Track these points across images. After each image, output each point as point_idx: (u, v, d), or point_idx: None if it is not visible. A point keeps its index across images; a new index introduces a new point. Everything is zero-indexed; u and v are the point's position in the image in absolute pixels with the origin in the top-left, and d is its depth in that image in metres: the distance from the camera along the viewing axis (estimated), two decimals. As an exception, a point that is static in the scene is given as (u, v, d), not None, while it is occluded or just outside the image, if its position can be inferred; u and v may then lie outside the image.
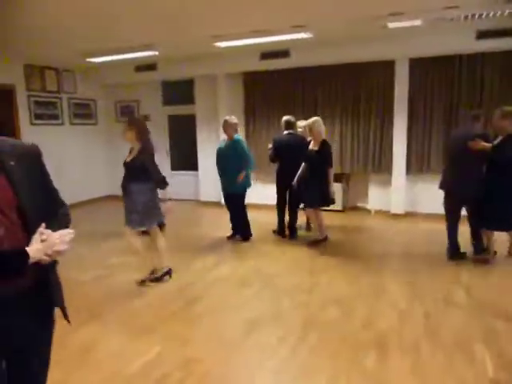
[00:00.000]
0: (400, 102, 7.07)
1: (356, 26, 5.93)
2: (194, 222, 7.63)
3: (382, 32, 6.20)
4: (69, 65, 8.50)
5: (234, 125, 5.79)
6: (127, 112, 9.44)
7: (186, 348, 3.21)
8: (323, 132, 5.61)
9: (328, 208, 7.57)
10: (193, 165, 9.09)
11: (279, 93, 7.98)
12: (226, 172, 5.88)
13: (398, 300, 3.97)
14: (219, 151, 5.92)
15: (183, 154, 9.54)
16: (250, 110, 8.33)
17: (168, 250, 4.67)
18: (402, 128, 7.13)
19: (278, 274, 4.77)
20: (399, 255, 5.35)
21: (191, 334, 3.44)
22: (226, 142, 5.90)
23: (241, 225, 6.12)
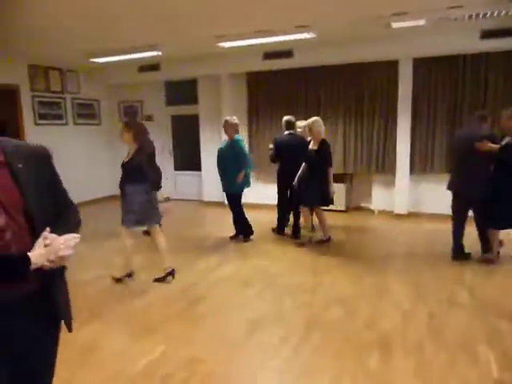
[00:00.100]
0: (404, 101, 7.05)
1: (359, 25, 5.92)
2: (197, 222, 7.63)
3: (386, 32, 6.18)
4: (73, 65, 8.54)
5: (235, 125, 5.78)
6: (130, 112, 9.47)
7: (189, 348, 3.21)
8: (323, 132, 5.61)
9: (331, 208, 7.61)
10: (196, 165, 9.10)
11: (282, 93, 7.97)
12: (226, 172, 5.89)
13: (402, 300, 3.96)
14: (220, 151, 5.93)
15: (186, 154, 9.55)
16: (254, 110, 8.33)
17: (171, 250, 4.68)
18: (405, 128, 7.11)
19: (281, 273, 4.76)
20: (403, 255, 5.34)
21: (194, 334, 3.44)
22: (227, 142, 5.91)
23: (241, 224, 6.12)
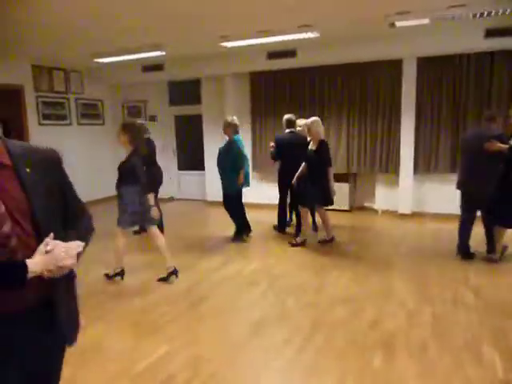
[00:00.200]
0: (407, 101, 7.03)
1: (363, 25, 5.92)
2: (200, 221, 7.63)
3: (389, 31, 6.17)
4: (76, 65, 8.56)
5: (234, 126, 5.81)
6: (134, 112, 9.48)
7: (192, 348, 3.21)
8: (321, 132, 5.59)
9: (335, 208, 7.61)
10: (199, 165, 9.10)
11: (286, 92, 7.97)
12: (226, 172, 5.89)
13: (406, 300, 3.94)
14: (219, 151, 5.96)
15: (190, 154, 9.56)
16: (257, 110, 8.32)
17: (174, 250, 4.68)
18: (409, 127, 7.09)
19: (284, 273, 4.76)
20: (407, 255, 5.32)
21: (198, 334, 3.44)
22: (226, 142, 5.93)
23: (237, 223, 6.10)
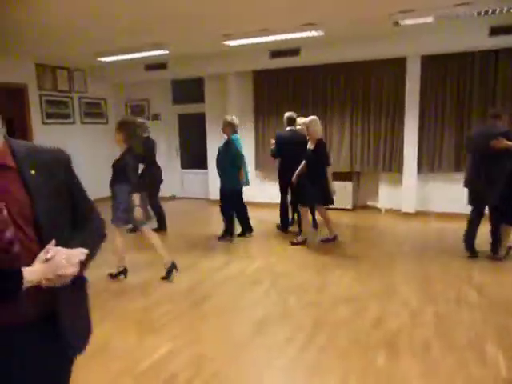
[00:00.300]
0: (411, 99, 7.01)
1: (367, 23, 5.90)
2: (203, 220, 7.63)
3: (393, 29, 6.14)
4: (80, 64, 8.58)
5: (233, 125, 5.83)
6: (137, 111, 9.49)
7: (195, 346, 3.21)
8: (319, 131, 5.58)
9: (339, 207, 7.60)
10: (202, 163, 9.10)
11: (289, 91, 7.96)
12: (224, 171, 5.91)
13: (409, 299, 3.93)
14: (218, 151, 5.99)
15: (193, 153, 9.57)
16: (260, 109, 8.32)
17: (177, 249, 4.69)
18: (412, 126, 7.07)
19: (287, 272, 4.75)
20: (410, 254, 5.30)
21: (200, 333, 3.44)
22: (225, 141, 5.97)
23: (226, 222, 6.08)
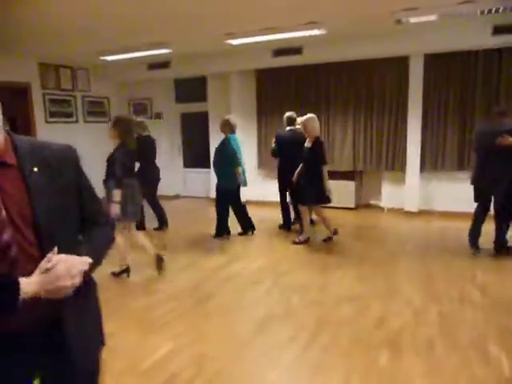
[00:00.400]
0: (414, 98, 6.98)
1: (369, 21, 5.89)
2: (205, 219, 7.64)
3: (396, 28, 6.13)
4: (83, 63, 8.59)
5: (231, 124, 5.87)
6: (140, 109, 9.51)
7: (198, 345, 3.21)
8: (317, 129, 5.55)
9: (341, 206, 7.60)
10: (205, 162, 9.10)
11: (292, 90, 7.95)
12: (219, 169, 5.94)
13: (412, 298, 3.93)
14: (215, 152, 6.04)
15: (195, 152, 9.57)
16: (263, 107, 8.31)
17: (180, 247, 4.69)
18: (415, 125, 7.05)
19: (290, 271, 4.76)
20: (413, 253, 5.29)
21: (203, 332, 3.45)
22: (221, 141, 6.00)
23: (221, 222, 6.06)
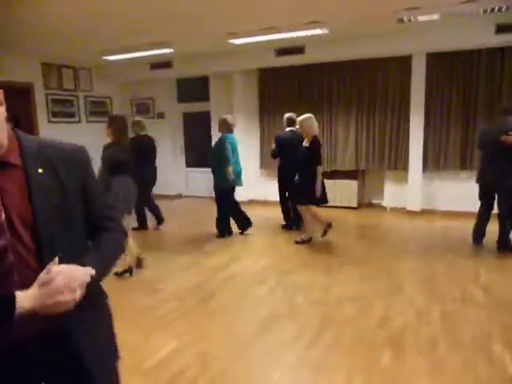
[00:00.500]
0: (417, 97, 6.97)
1: (372, 21, 5.88)
2: (207, 218, 7.64)
3: (399, 27, 6.12)
4: (85, 63, 8.60)
5: (228, 124, 5.90)
6: (143, 109, 9.52)
7: (201, 344, 3.22)
8: (315, 129, 5.53)
9: (344, 205, 7.60)
10: (207, 162, 9.10)
11: (294, 89, 7.95)
12: (216, 170, 5.99)
13: (415, 298, 3.92)
14: (211, 152, 6.12)
15: (198, 151, 9.58)
16: (265, 107, 8.31)
17: (182, 247, 4.69)
18: (418, 124, 7.04)
19: (292, 271, 4.75)
20: (415, 252, 5.28)
21: (207, 331, 3.45)
22: (217, 140, 6.05)
23: (221, 223, 6.13)
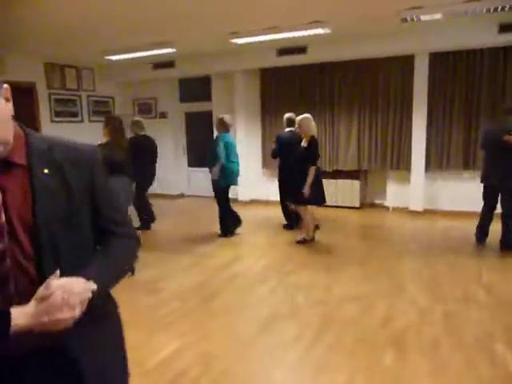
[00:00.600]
0: (419, 97, 6.96)
1: (374, 20, 5.86)
2: (209, 218, 7.65)
3: (401, 26, 6.10)
4: (88, 63, 8.62)
5: (225, 124, 5.93)
6: (145, 109, 9.53)
7: (203, 344, 3.22)
8: (312, 128, 5.54)
9: (346, 205, 7.60)
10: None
11: (296, 89, 7.94)
12: (211, 169, 6.03)
13: (417, 298, 3.92)
14: (209, 152, 6.12)
15: (200, 151, 9.58)
16: (267, 107, 8.32)
17: (184, 246, 4.69)
18: (421, 124, 7.02)
19: (294, 271, 4.75)
20: (418, 252, 5.27)
21: (208, 331, 3.45)
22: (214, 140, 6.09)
23: (221, 221, 6.16)
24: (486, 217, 5.24)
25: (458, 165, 6.92)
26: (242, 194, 8.56)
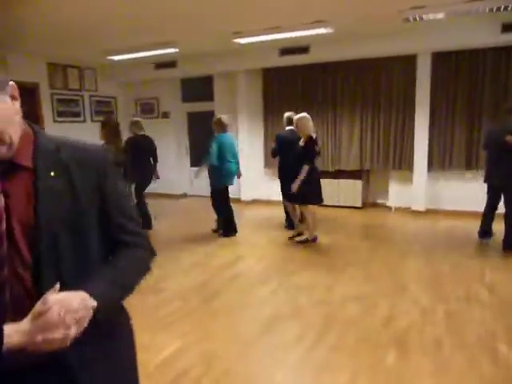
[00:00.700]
0: (422, 96, 6.94)
1: (377, 20, 5.85)
2: (212, 218, 7.66)
3: (404, 26, 6.09)
4: (90, 63, 8.64)
5: (222, 123, 5.98)
6: (147, 109, 9.54)
7: (205, 344, 3.22)
8: (310, 128, 5.52)
9: (348, 205, 7.58)
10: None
11: (298, 89, 7.94)
12: (210, 169, 6.10)
13: (419, 297, 3.91)
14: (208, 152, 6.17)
15: (202, 151, 9.57)
16: (269, 106, 8.31)
17: (186, 246, 4.69)
18: (423, 124, 7.01)
19: (296, 270, 4.75)
20: (420, 252, 5.26)
21: (210, 330, 3.45)
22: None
23: (220, 221, 6.25)
24: (487, 216, 5.26)
25: (461, 165, 6.90)
26: (244, 193, 8.57)
